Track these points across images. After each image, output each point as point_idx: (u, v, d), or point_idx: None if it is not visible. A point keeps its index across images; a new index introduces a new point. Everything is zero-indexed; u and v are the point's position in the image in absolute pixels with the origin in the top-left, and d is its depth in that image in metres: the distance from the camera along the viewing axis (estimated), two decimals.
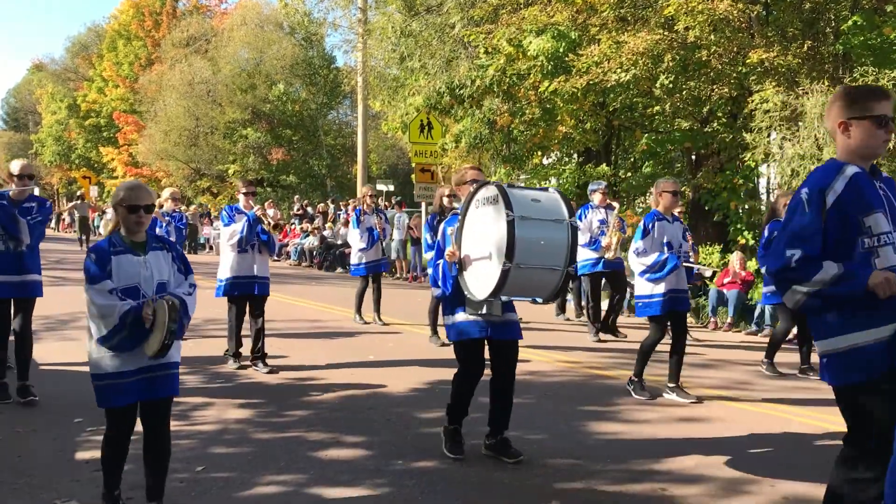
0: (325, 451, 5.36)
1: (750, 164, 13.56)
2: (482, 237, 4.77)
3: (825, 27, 13.20)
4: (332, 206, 26.28)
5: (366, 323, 11.13)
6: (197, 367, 8.09)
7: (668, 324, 7.02)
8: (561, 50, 13.95)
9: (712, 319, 11.77)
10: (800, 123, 11.80)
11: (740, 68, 12.94)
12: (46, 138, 54.14)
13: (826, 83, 11.50)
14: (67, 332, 9.75)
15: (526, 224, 4.50)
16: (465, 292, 4.89)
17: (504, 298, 4.85)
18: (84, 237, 27.19)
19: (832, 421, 6.18)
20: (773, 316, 11.18)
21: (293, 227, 25.33)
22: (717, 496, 4.59)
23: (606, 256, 9.92)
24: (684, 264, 7.09)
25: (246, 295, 7.93)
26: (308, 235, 23.57)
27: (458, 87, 16.52)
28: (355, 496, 4.54)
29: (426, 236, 9.15)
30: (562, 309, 11.93)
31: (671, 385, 6.98)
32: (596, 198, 10.41)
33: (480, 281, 4.75)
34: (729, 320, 11.60)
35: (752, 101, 12.31)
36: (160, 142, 36.32)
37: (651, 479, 4.90)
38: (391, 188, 26.50)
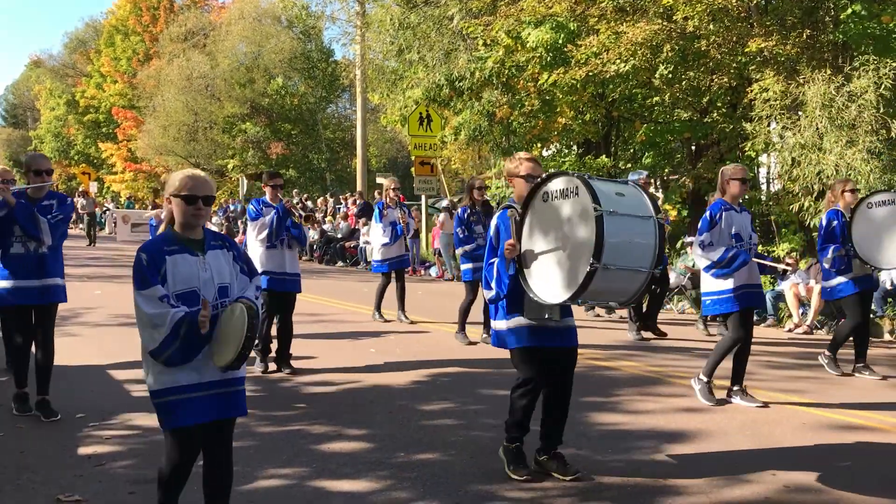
0: (327, 444, 5.36)
1: (750, 154, 13.55)
2: (553, 234, 4.32)
3: (824, 15, 13.17)
4: (331, 199, 26.26)
5: (386, 321, 10.71)
6: None
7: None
8: (560, 41, 13.92)
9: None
10: (800, 112, 11.78)
11: (739, 58, 12.92)
12: (45, 134, 54.10)
13: (827, 71, 11.48)
14: (69, 329, 9.75)
15: (615, 220, 4.05)
16: (530, 295, 4.42)
17: (579, 303, 4.40)
18: (93, 233, 27.12)
19: (836, 411, 6.19)
20: (774, 307, 11.18)
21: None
22: (719, 486, 4.59)
23: None
24: (755, 260, 6.52)
25: (276, 293, 7.52)
26: (308, 229, 23.60)
27: (457, 80, 16.50)
28: (357, 489, 4.54)
29: (457, 230, 8.93)
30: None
31: (735, 388, 6.46)
32: None
33: (550, 283, 4.32)
34: None
35: (752, 91, 12.29)
36: (159, 137, 36.29)
37: (653, 469, 4.90)
38: None
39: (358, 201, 22.43)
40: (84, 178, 39.09)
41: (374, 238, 10.70)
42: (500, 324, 4.72)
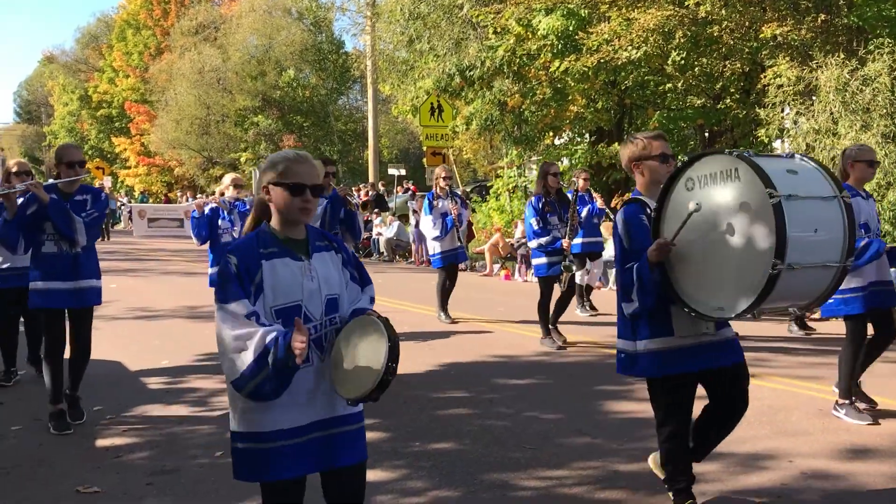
0: None
1: (764, 140, 13.45)
2: (705, 229, 3.47)
3: None
4: None
5: (454, 322, 9.81)
6: (213, 353, 8.13)
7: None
8: (571, 28, 13.86)
9: None
10: (814, 98, 11.68)
11: (752, 43, 12.81)
12: (59, 130, 54.43)
13: (841, 56, 11.37)
14: None
15: (795, 206, 3.21)
16: (684, 308, 3.56)
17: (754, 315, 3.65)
18: (108, 228, 27.30)
19: (833, 394, 6.15)
20: None
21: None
22: (735, 473, 4.58)
23: None
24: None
25: None
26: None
27: (468, 69, 16.45)
28: (372, 478, 4.55)
29: (531, 221, 8.14)
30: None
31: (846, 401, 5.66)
32: None
33: (708, 291, 3.51)
34: None
35: (766, 77, 12.19)
36: (172, 131, 36.45)
37: None
38: (403, 172, 26.45)
39: (370, 192, 22.44)
40: (98, 172, 39.19)
41: (425, 231, 9.98)
42: (635, 345, 3.80)
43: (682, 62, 13.61)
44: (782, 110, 12.33)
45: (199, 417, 5.83)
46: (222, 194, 8.64)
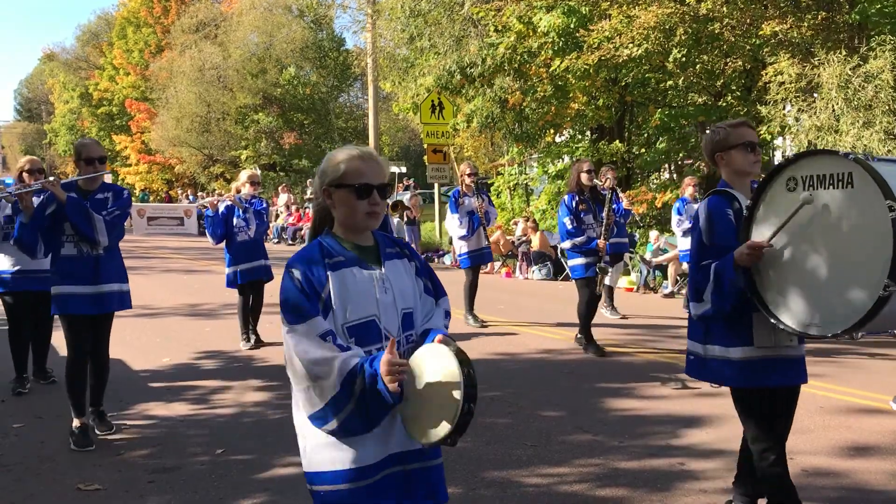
0: None
1: (765, 138, 13.44)
2: (804, 236, 3.13)
3: None
4: None
5: (483, 325, 9.37)
6: (213, 350, 8.14)
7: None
8: (572, 26, 13.84)
9: None
10: (816, 95, 11.67)
11: (754, 40, 12.79)
12: (60, 128, 54.43)
13: (842, 53, 11.35)
14: None
15: None
16: (772, 320, 3.22)
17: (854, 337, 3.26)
18: None
19: (854, 394, 6.15)
20: None
21: (307, 210, 25.36)
22: (736, 470, 4.57)
23: None
24: None
25: None
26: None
27: (469, 67, 16.43)
28: None
29: (564, 221, 7.74)
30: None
31: None
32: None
33: (800, 303, 3.16)
34: None
35: (767, 74, 12.18)
36: (172, 129, 36.44)
37: (669, 454, 4.89)
38: (403, 170, 26.47)
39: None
40: None
41: (451, 230, 9.47)
42: (707, 349, 3.47)
43: (683, 59, 13.58)
44: (784, 107, 12.32)
45: (201, 415, 5.83)
46: (238, 191, 8.35)
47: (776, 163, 15.73)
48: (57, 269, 5.11)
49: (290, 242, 24.46)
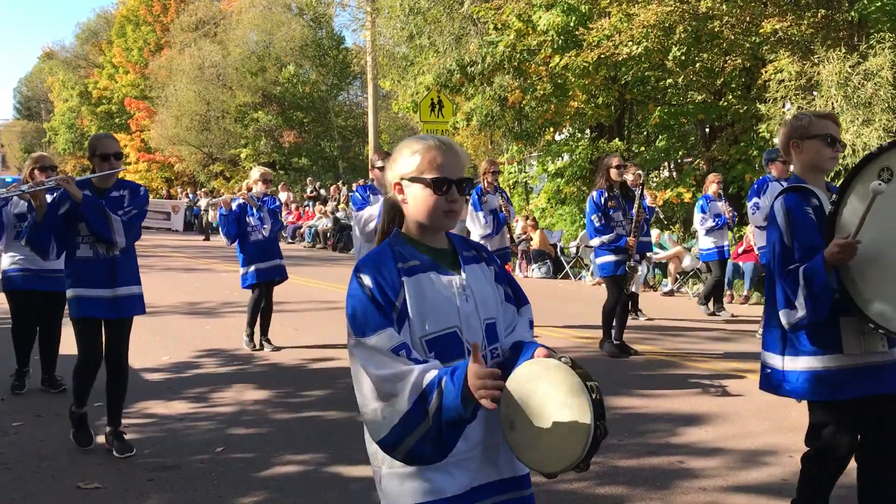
0: (344, 430, 5.38)
1: (765, 136, 13.44)
2: None
3: None
4: (344, 187, 26.30)
5: None
6: (213, 349, 8.14)
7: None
8: (571, 24, 13.84)
9: (728, 292, 11.72)
10: (815, 93, 11.67)
11: (753, 38, 12.79)
12: (59, 126, 54.39)
13: (842, 50, 11.35)
14: None
15: None
16: (870, 324, 2.93)
17: None
18: None
19: None
20: None
21: (307, 208, 25.37)
22: (735, 468, 4.58)
23: None
24: None
25: None
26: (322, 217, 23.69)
27: (469, 65, 16.43)
28: (371, 475, 4.55)
29: (591, 218, 7.50)
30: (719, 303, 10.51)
31: None
32: (776, 169, 8.23)
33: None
34: (745, 293, 11.55)
35: (767, 72, 12.18)
36: (172, 127, 36.41)
37: (668, 452, 4.89)
38: None
39: None
40: None
41: (474, 229, 9.04)
42: (787, 360, 3.19)
43: (683, 58, 13.59)
44: (783, 105, 12.32)
45: (200, 414, 5.83)
46: (249, 189, 8.13)
47: None
48: (72, 271, 4.85)
49: (290, 241, 24.46)
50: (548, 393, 1.97)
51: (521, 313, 2.35)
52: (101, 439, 5.24)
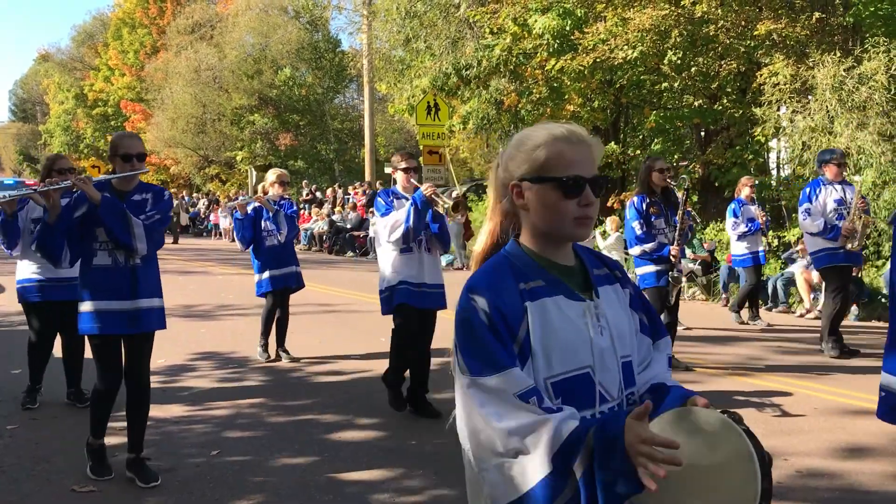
0: (339, 433, 5.38)
1: (760, 139, 13.48)
2: None
3: None
4: (340, 190, 26.30)
5: None
6: (209, 352, 8.13)
7: None
8: (567, 28, 13.86)
9: (724, 296, 11.73)
10: (810, 96, 11.71)
11: (748, 42, 12.82)
12: (55, 128, 54.34)
13: (837, 54, 11.39)
14: None
15: None
16: None
17: None
18: None
19: (845, 395, 6.17)
20: (785, 292, 11.13)
21: (303, 210, 25.35)
22: None
23: (847, 247, 7.60)
24: None
25: (416, 309, 5.76)
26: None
27: (465, 68, 16.45)
28: (369, 478, 4.56)
29: (633, 225, 6.88)
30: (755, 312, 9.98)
31: None
32: (830, 171, 7.83)
33: None
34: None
35: (762, 75, 12.21)
36: (168, 130, 36.41)
37: None
38: None
39: (367, 191, 22.44)
40: (94, 171, 38.98)
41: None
42: None
43: (679, 62, 13.62)
44: (778, 109, 12.36)
45: (195, 417, 5.82)
46: (265, 192, 7.71)
47: (771, 164, 15.77)
48: (87, 280, 4.37)
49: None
50: (698, 456, 1.57)
51: (659, 347, 1.93)
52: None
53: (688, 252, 11.89)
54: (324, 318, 10.24)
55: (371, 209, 20.06)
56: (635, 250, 6.98)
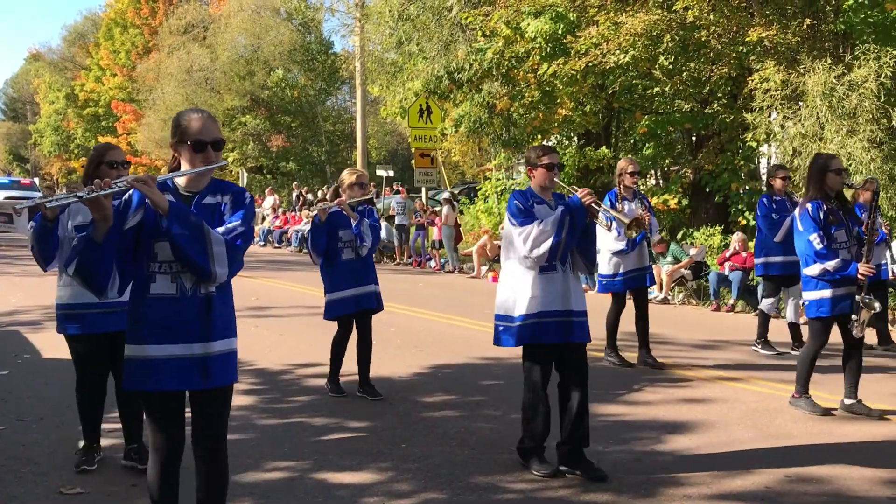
0: (329, 437, 5.37)
1: (751, 145, 13.54)
2: None
3: (825, 4, 13.12)
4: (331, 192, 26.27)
5: (627, 366, 7.48)
6: None
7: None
8: (559, 31, 13.88)
9: (713, 301, 11.76)
10: (801, 102, 11.76)
11: (740, 48, 12.88)
12: (45, 128, 54.12)
13: (828, 61, 11.45)
14: None
15: None
16: None
17: None
18: None
19: (834, 400, 6.19)
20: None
21: (293, 213, 25.31)
22: (720, 476, 4.60)
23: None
24: None
25: (556, 347, 4.79)
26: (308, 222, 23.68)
27: (457, 71, 16.46)
28: (358, 481, 4.55)
29: (811, 238, 5.64)
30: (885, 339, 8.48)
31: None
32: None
33: None
34: (731, 301, 11.59)
35: (753, 81, 12.26)
36: (159, 130, 36.24)
37: (654, 460, 4.91)
38: (391, 174, 26.45)
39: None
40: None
41: (605, 241, 7.14)
42: None
43: (670, 66, 13.67)
44: (769, 114, 12.40)
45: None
46: (337, 195, 6.43)
47: (762, 170, 15.84)
48: (141, 315, 3.18)
49: (277, 245, 24.36)
50: None
51: None
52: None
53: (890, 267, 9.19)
54: (314, 321, 10.19)
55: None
56: (813, 269, 5.65)
